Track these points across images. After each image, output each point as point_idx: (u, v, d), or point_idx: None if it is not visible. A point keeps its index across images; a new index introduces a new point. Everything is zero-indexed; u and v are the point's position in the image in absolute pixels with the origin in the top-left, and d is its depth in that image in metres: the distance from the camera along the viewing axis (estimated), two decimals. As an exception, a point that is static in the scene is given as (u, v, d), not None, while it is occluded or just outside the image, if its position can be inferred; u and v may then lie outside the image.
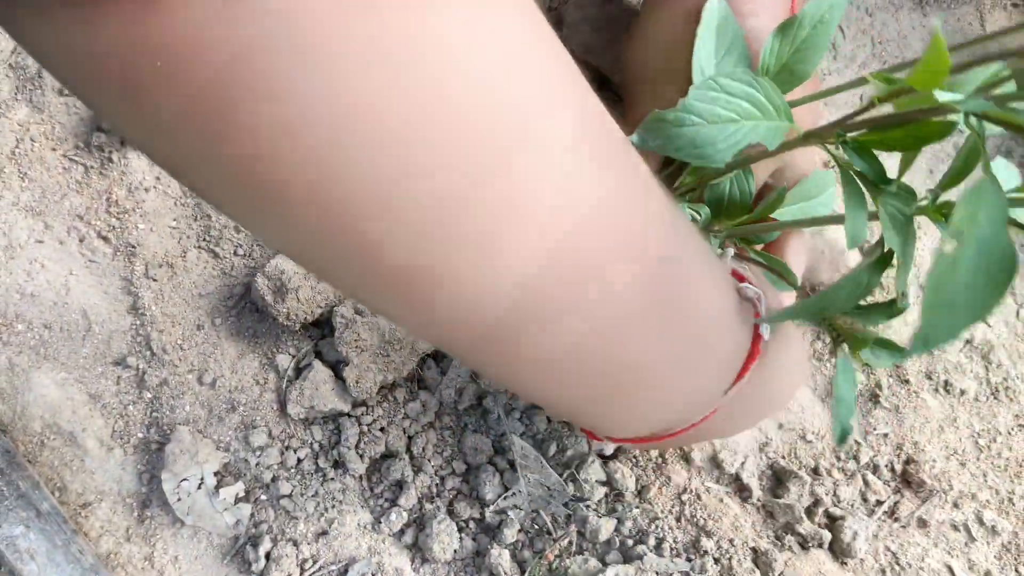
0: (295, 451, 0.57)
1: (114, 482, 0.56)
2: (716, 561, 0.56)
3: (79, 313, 0.58)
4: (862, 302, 0.40)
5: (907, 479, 0.61)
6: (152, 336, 0.58)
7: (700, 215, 0.46)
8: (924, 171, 0.69)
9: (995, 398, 0.63)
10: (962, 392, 0.63)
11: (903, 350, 0.42)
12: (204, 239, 0.60)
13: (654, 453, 0.59)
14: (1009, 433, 0.63)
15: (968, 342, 0.64)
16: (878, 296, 0.64)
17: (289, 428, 0.58)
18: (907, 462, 0.61)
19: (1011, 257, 0.28)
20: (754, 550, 0.58)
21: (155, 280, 0.59)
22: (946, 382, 0.63)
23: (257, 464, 0.56)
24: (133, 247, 0.59)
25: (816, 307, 0.39)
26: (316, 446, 0.57)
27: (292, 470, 0.57)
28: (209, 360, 0.59)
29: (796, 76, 0.43)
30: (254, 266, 0.61)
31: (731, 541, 0.57)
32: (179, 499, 0.55)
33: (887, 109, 0.36)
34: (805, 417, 0.62)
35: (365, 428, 0.58)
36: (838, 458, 0.61)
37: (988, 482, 0.62)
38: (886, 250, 0.37)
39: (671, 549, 0.56)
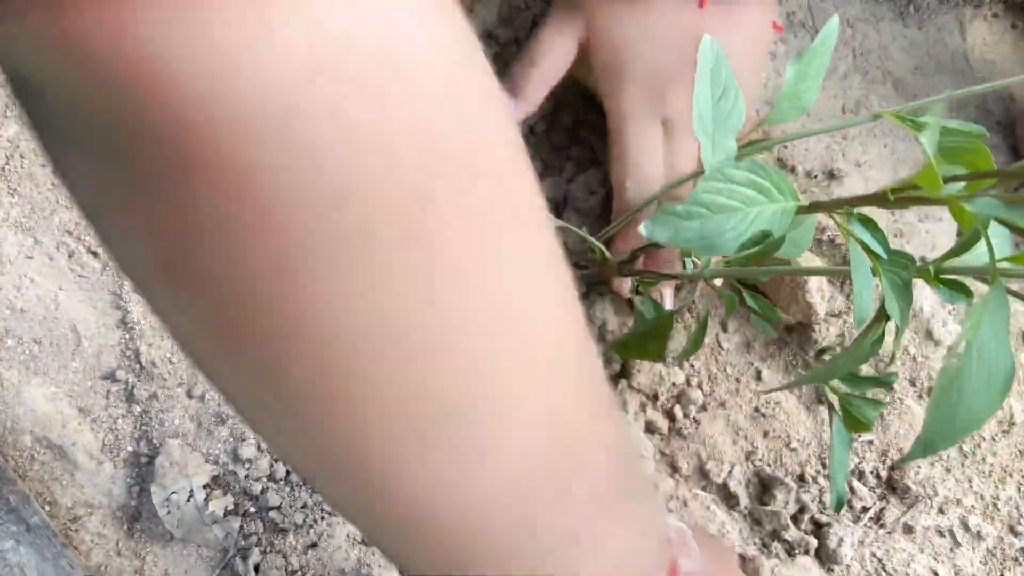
0: (284, 463, 0.58)
1: (104, 495, 0.56)
2: (703, 569, 0.56)
3: (69, 327, 0.58)
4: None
5: (892, 485, 0.62)
6: (141, 350, 0.59)
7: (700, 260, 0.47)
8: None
9: (979, 404, 0.64)
10: (946, 399, 0.63)
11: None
12: (193, 253, 0.61)
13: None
14: (993, 439, 0.63)
15: (951, 348, 0.65)
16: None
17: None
18: (892, 468, 0.61)
19: (1010, 368, 0.33)
20: (741, 556, 0.58)
21: (144, 294, 0.60)
22: (930, 389, 0.64)
23: (246, 476, 0.57)
24: (122, 262, 0.60)
25: (823, 376, 0.44)
26: (305, 458, 0.58)
27: (281, 482, 0.57)
28: (197, 374, 0.59)
29: (801, 103, 0.45)
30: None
31: (718, 549, 0.57)
32: (168, 512, 0.55)
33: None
34: (790, 424, 0.62)
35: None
36: (823, 465, 0.61)
37: (973, 487, 0.62)
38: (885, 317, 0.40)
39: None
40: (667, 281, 0.60)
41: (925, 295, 0.64)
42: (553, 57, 0.59)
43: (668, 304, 0.59)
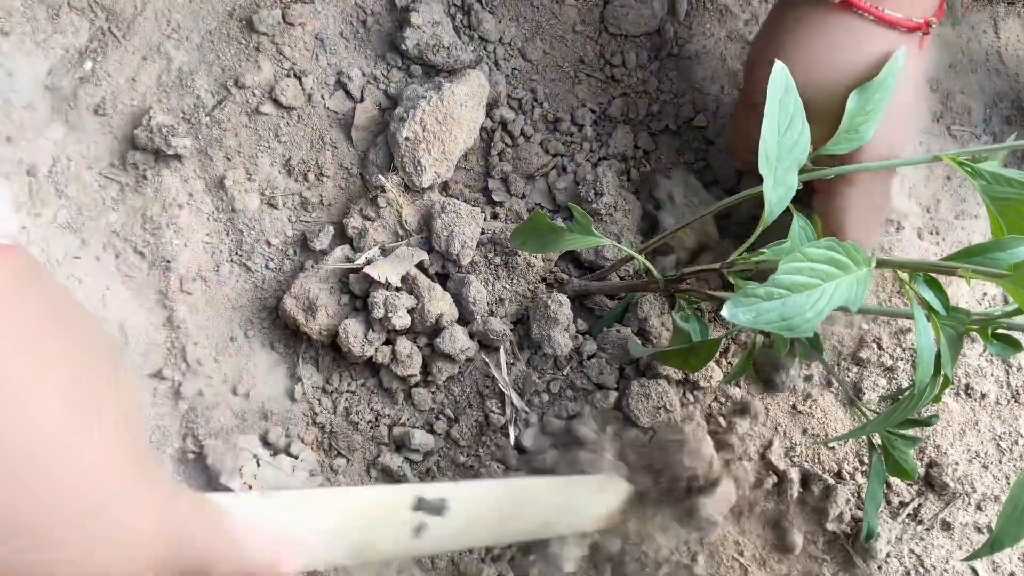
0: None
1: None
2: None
3: (116, 327, 0.59)
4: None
5: (930, 482, 0.62)
6: (187, 348, 0.60)
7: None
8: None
9: (1016, 401, 0.64)
10: (983, 396, 0.64)
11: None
12: (236, 253, 0.62)
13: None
14: (1030, 436, 0.64)
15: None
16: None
17: (320, 436, 0.60)
18: (930, 465, 0.62)
19: None
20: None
21: (189, 294, 0.61)
22: (967, 386, 0.64)
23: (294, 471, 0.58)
24: (168, 262, 0.61)
25: (881, 424, 0.48)
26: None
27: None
28: (243, 371, 0.60)
29: (859, 135, 0.46)
30: (284, 279, 0.62)
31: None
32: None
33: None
34: (828, 423, 0.62)
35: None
36: (861, 462, 0.62)
37: (1010, 484, 0.62)
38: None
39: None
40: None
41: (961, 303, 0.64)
42: None
43: None
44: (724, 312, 0.39)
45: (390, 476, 0.59)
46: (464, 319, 0.59)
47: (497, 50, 0.65)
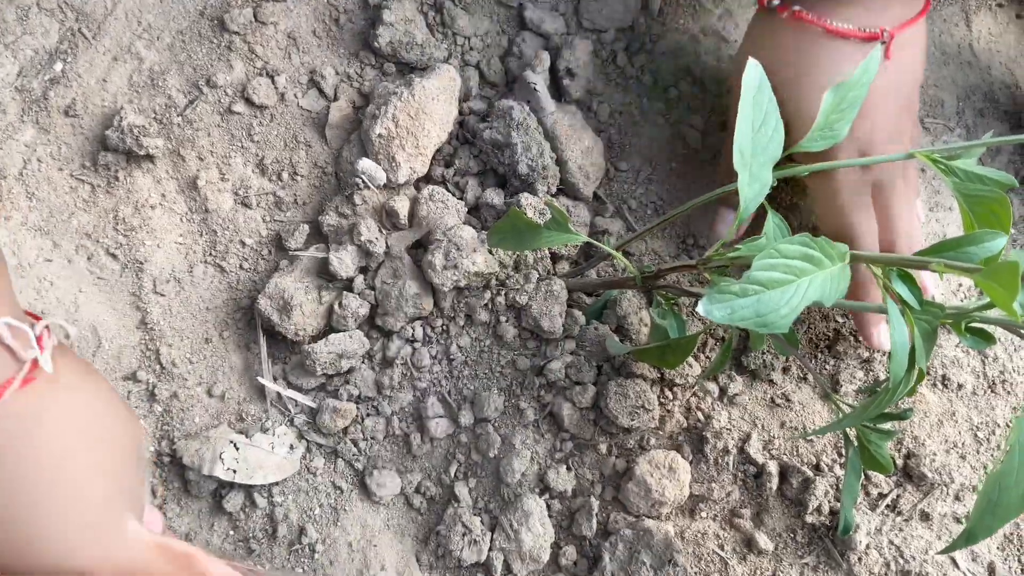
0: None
1: (127, 495, 0.57)
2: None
3: (89, 329, 0.59)
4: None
5: (908, 473, 0.62)
6: (161, 350, 0.59)
7: None
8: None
9: (992, 391, 0.64)
10: (960, 386, 0.64)
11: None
12: (210, 254, 0.61)
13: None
14: (1007, 425, 0.64)
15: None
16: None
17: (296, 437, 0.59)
18: (908, 456, 0.62)
19: None
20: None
21: (163, 295, 0.60)
22: (944, 377, 0.64)
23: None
24: (141, 263, 0.60)
25: (856, 419, 0.48)
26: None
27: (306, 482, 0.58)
28: (218, 373, 0.60)
29: (834, 134, 0.46)
30: (259, 279, 0.61)
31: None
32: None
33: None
34: (806, 415, 0.62)
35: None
36: (839, 454, 0.62)
37: (988, 474, 0.62)
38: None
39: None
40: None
41: (937, 296, 0.64)
42: None
43: None
44: (699, 309, 0.39)
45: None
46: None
47: (467, 44, 0.65)
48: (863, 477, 0.61)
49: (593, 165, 0.64)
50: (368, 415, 0.59)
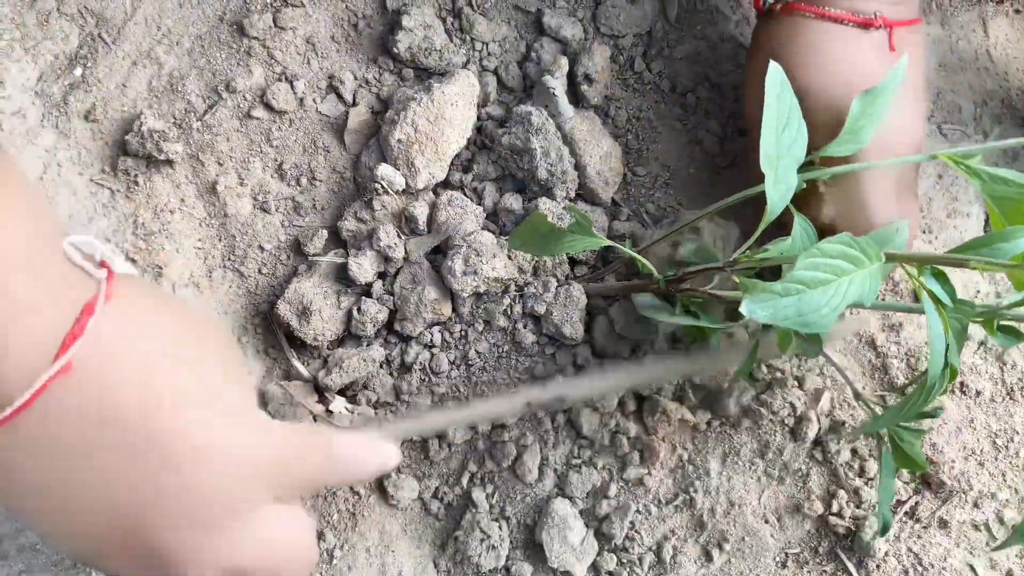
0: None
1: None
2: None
3: (108, 334, 0.59)
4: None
5: (927, 480, 0.62)
6: (180, 355, 0.59)
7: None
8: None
9: (1011, 398, 0.64)
10: (978, 393, 0.64)
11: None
12: (229, 259, 0.61)
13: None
14: (1026, 432, 0.64)
15: (983, 344, 0.65)
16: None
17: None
18: (927, 463, 0.62)
19: None
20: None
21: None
22: (962, 384, 0.64)
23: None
24: (160, 268, 0.60)
25: (890, 419, 0.49)
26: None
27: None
28: (237, 377, 0.60)
29: (859, 139, 0.46)
30: (277, 285, 0.62)
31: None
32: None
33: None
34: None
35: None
36: (854, 462, 0.62)
37: (1007, 481, 0.62)
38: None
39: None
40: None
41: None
42: None
43: None
44: (742, 309, 0.39)
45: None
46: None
47: (485, 49, 0.65)
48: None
49: (611, 170, 0.64)
50: (386, 420, 0.59)
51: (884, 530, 0.54)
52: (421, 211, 0.60)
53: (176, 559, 0.39)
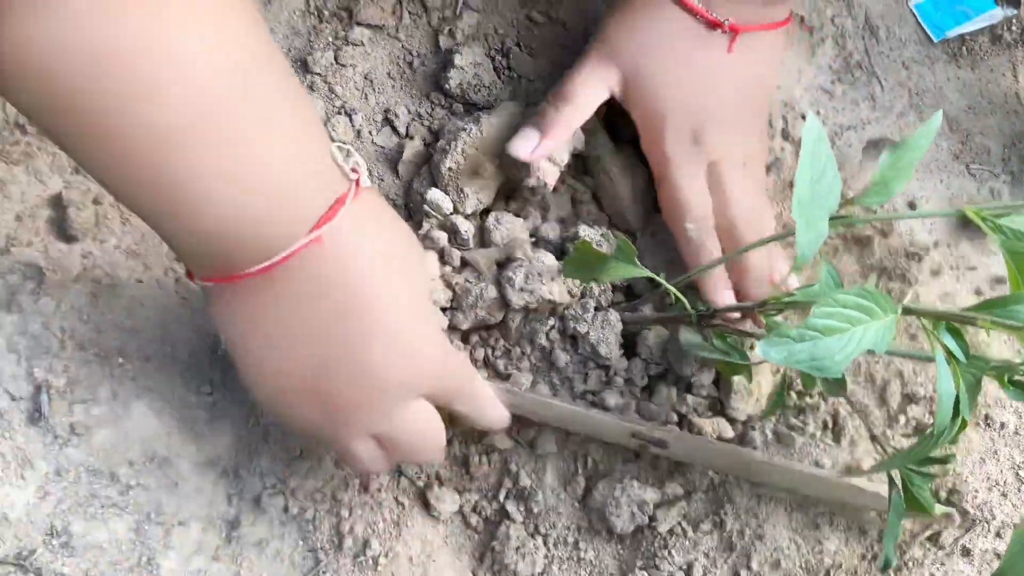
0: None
1: (206, 504, 0.60)
2: None
3: (174, 347, 0.63)
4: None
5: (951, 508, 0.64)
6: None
7: None
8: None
9: (1034, 432, 0.66)
10: (1002, 425, 0.66)
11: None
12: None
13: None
14: (1049, 465, 0.65)
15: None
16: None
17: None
18: (950, 492, 0.63)
19: None
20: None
21: (243, 317, 0.64)
22: (987, 416, 0.66)
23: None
24: (223, 286, 0.64)
25: (899, 462, 0.52)
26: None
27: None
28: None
29: (888, 190, 0.49)
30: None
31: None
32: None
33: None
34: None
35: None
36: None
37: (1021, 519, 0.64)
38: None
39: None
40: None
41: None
42: (583, 100, 0.63)
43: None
44: (758, 351, 0.42)
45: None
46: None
47: (531, 86, 0.69)
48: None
49: (646, 201, 0.68)
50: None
51: (885, 567, 0.56)
52: (468, 228, 0.63)
53: (345, 410, 0.49)
